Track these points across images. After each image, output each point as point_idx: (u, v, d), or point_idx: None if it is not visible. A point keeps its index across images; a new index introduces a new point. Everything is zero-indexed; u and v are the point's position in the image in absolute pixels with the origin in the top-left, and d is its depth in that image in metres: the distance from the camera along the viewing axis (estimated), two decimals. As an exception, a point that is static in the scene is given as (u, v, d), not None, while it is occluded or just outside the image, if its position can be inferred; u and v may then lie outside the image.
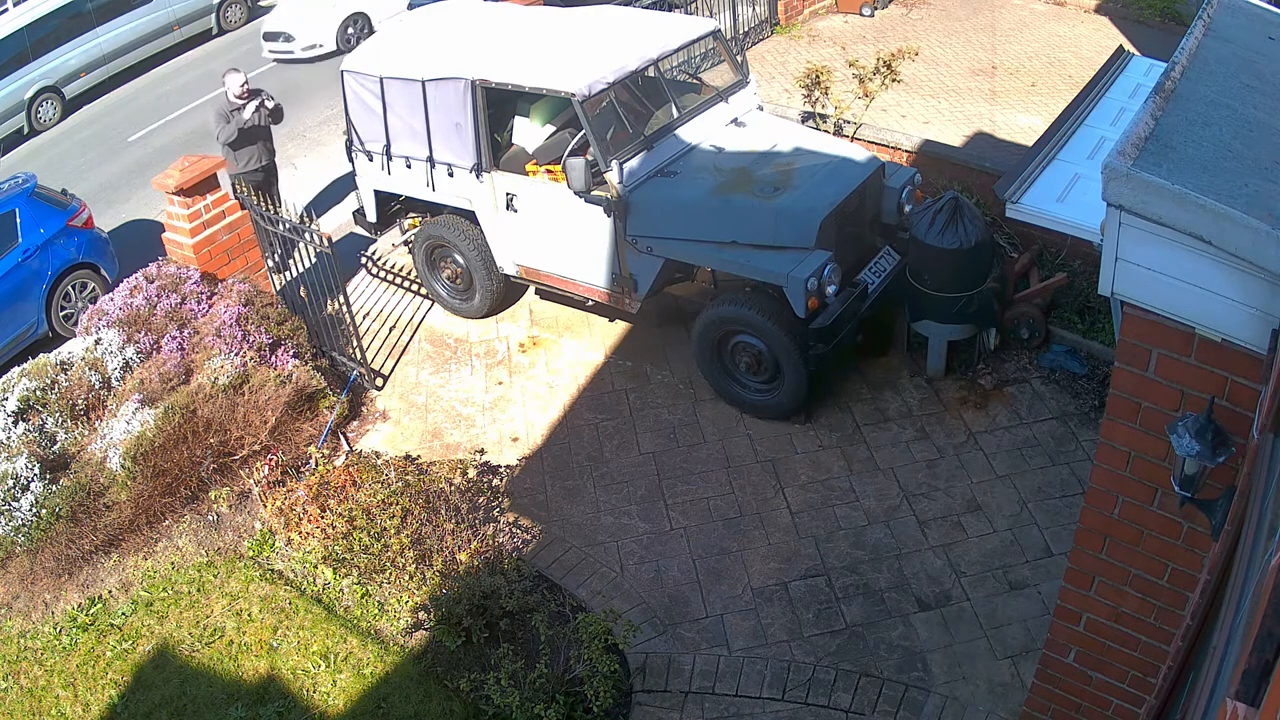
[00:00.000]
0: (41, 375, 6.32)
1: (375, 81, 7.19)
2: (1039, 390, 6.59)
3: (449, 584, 5.34)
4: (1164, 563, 3.09)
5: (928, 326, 6.54)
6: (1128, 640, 3.35)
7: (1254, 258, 2.31)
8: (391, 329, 7.91)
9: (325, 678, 5.30)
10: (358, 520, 5.61)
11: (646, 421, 6.72)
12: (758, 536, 5.81)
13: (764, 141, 6.81)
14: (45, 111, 14.13)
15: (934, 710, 4.82)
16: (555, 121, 7.59)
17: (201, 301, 6.88)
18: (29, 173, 9.40)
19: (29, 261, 8.49)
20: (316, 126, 12.47)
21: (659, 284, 6.71)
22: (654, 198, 6.39)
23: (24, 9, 14.06)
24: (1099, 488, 3.09)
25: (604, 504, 6.15)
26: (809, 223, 5.99)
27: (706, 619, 5.39)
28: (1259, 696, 1.44)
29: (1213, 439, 2.42)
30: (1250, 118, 2.83)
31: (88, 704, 5.35)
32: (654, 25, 7.21)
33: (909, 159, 8.25)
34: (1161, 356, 2.70)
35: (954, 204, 6.22)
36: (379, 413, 7.12)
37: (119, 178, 12.12)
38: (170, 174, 6.94)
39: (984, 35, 12.63)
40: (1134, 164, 2.44)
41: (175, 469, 6.07)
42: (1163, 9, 12.74)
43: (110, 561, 6.05)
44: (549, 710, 4.61)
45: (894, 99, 10.41)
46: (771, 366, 6.35)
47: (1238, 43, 3.34)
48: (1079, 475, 5.89)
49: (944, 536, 5.69)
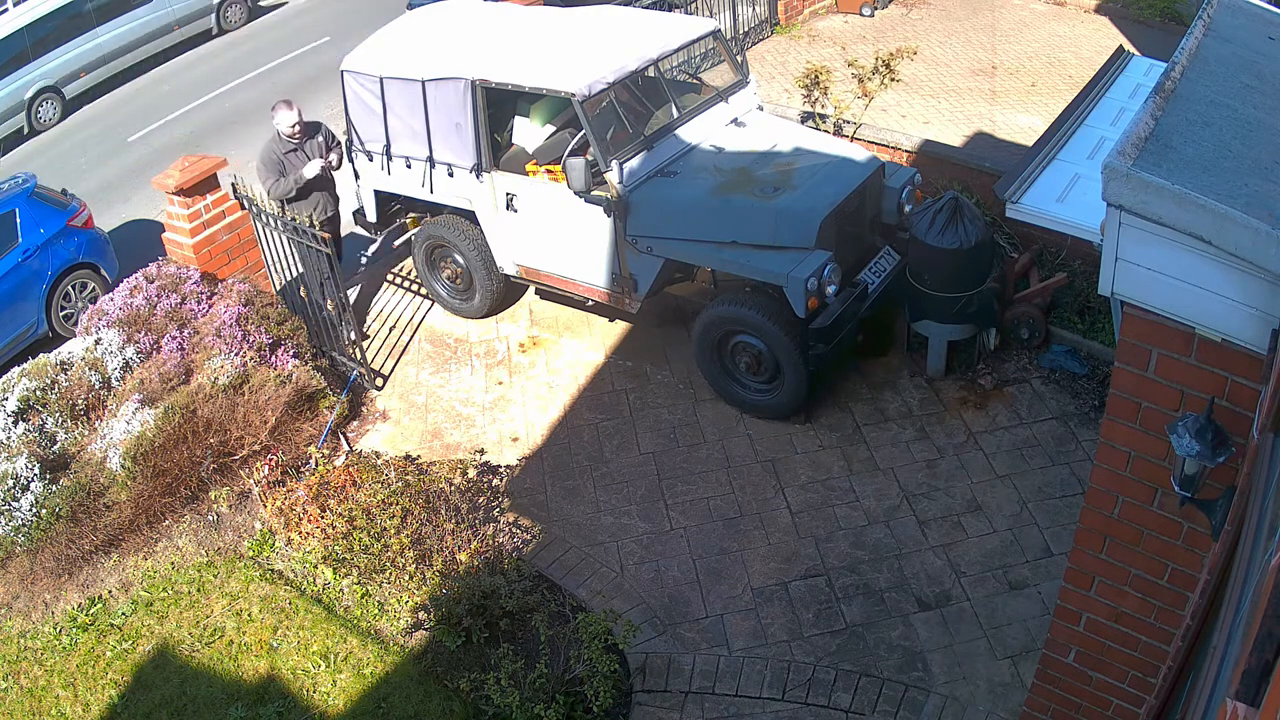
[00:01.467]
0: (41, 375, 6.32)
1: (375, 81, 7.19)
2: (1039, 390, 6.59)
3: (449, 584, 5.34)
4: (1164, 563, 3.09)
5: (928, 326, 6.55)
6: (1128, 640, 3.36)
7: (1254, 258, 2.31)
8: (391, 329, 7.91)
9: (325, 678, 5.30)
10: (358, 520, 5.60)
11: (646, 421, 6.72)
12: (758, 536, 5.81)
13: (764, 141, 6.81)
14: (45, 111, 14.13)
15: (934, 710, 4.82)
16: (555, 121, 7.59)
17: (201, 301, 6.88)
18: (29, 173, 9.41)
19: (29, 261, 8.49)
20: (316, 126, 12.46)
21: (659, 284, 6.71)
22: (654, 198, 6.39)
23: (24, 9, 14.06)
24: (1099, 488, 3.09)
25: (604, 504, 6.15)
26: (809, 223, 5.99)
27: (706, 619, 5.39)
28: (1259, 696, 1.44)
29: (1213, 439, 2.42)
30: (1250, 118, 2.83)
31: (88, 704, 5.35)
32: (654, 25, 7.21)
33: (909, 159, 8.25)
34: (1161, 356, 2.70)
35: (954, 204, 6.22)
36: (379, 413, 7.12)
37: (119, 178, 12.13)
38: (170, 174, 6.94)
39: (984, 35, 12.63)
40: (1134, 164, 2.44)
41: (175, 469, 6.07)
42: (1163, 9, 12.74)
43: (110, 561, 6.05)
44: (549, 710, 4.61)
45: (894, 99, 10.41)
46: (771, 366, 6.35)
47: (1238, 43, 3.34)
48: (1079, 475, 5.89)
49: (944, 536, 5.69)
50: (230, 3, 16.57)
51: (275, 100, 7.34)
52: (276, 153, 7.15)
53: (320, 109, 12.84)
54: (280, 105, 7.16)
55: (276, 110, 7.16)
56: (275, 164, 7.15)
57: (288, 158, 7.18)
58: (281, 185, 7.14)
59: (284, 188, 7.14)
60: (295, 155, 7.22)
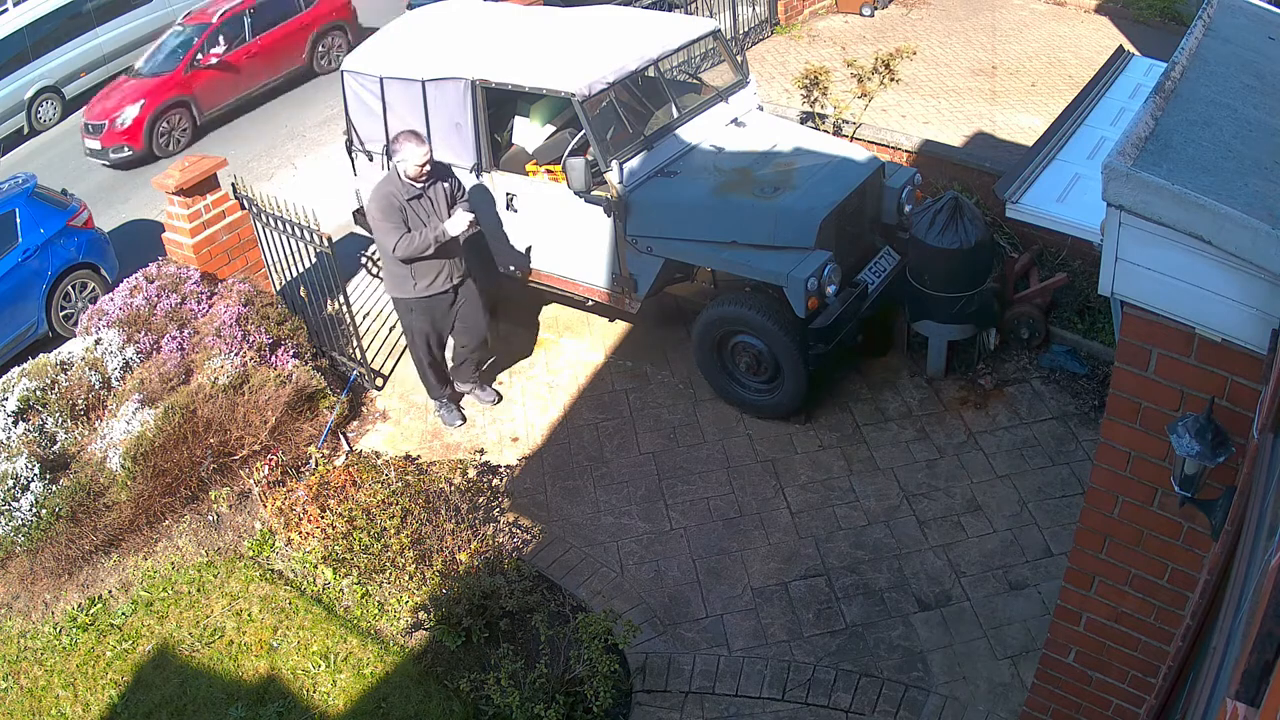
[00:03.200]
0: (41, 375, 6.32)
1: (375, 81, 7.19)
2: (1039, 390, 6.59)
3: (449, 584, 5.34)
4: (1164, 563, 3.09)
5: (928, 326, 6.55)
6: (1128, 640, 3.36)
7: (1254, 258, 2.31)
8: (392, 329, 7.91)
9: (325, 678, 5.30)
10: (358, 520, 5.60)
11: (646, 421, 6.72)
12: (758, 536, 5.81)
13: (764, 141, 6.81)
14: (45, 111, 14.15)
15: (934, 710, 4.82)
16: (555, 121, 7.59)
17: (201, 301, 6.89)
18: (29, 173, 9.41)
19: (29, 261, 8.50)
20: (316, 126, 12.48)
21: (659, 284, 6.71)
22: (654, 198, 6.40)
23: (24, 9, 14.07)
24: (1099, 488, 3.09)
25: (604, 504, 6.15)
26: (809, 223, 5.99)
27: (706, 619, 5.39)
28: (1259, 696, 1.44)
29: (1213, 439, 2.42)
30: (1250, 118, 2.83)
31: (88, 704, 5.35)
32: (654, 25, 7.21)
33: (909, 159, 8.25)
34: (1161, 356, 2.70)
35: (954, 204, 6.22)
36: (379, 413, 7.12)
37: (119, 178, 12.13)
38: (170, 174, 6.95)
39: (984, 35, 12.63)
40: (1134, 164, 2.44)
41: (175, 469, 6.07)
42: (1163, 9, 12.74)
43: (110, 561, 6.05)
44: (549, 710, 4.61)
45: (894, 99, 10.41)
46: (771, 366, 6.35)
47: (1238, 43, 3.34)
48: (1079, 475, 5.89)
49: (944, 536, 5.69)
50: (230, 3, 16.55)
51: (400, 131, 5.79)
52: (398, 198, 5.69)
53: (321, 109, 12.85)
54: (407, 137, 5.65)
55: (400, 143, 5.64)
56: (397, 213, 5.68)
57: (411, 205, 5.73)
58: (414, 242, 5.67)
59: (417, 244, 5.67)
60: (419, 203, 5.76)
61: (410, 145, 5.63)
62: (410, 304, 6.10)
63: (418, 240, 5.71)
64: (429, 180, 5.80)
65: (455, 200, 5.98)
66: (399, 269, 5.92)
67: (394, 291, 6.13)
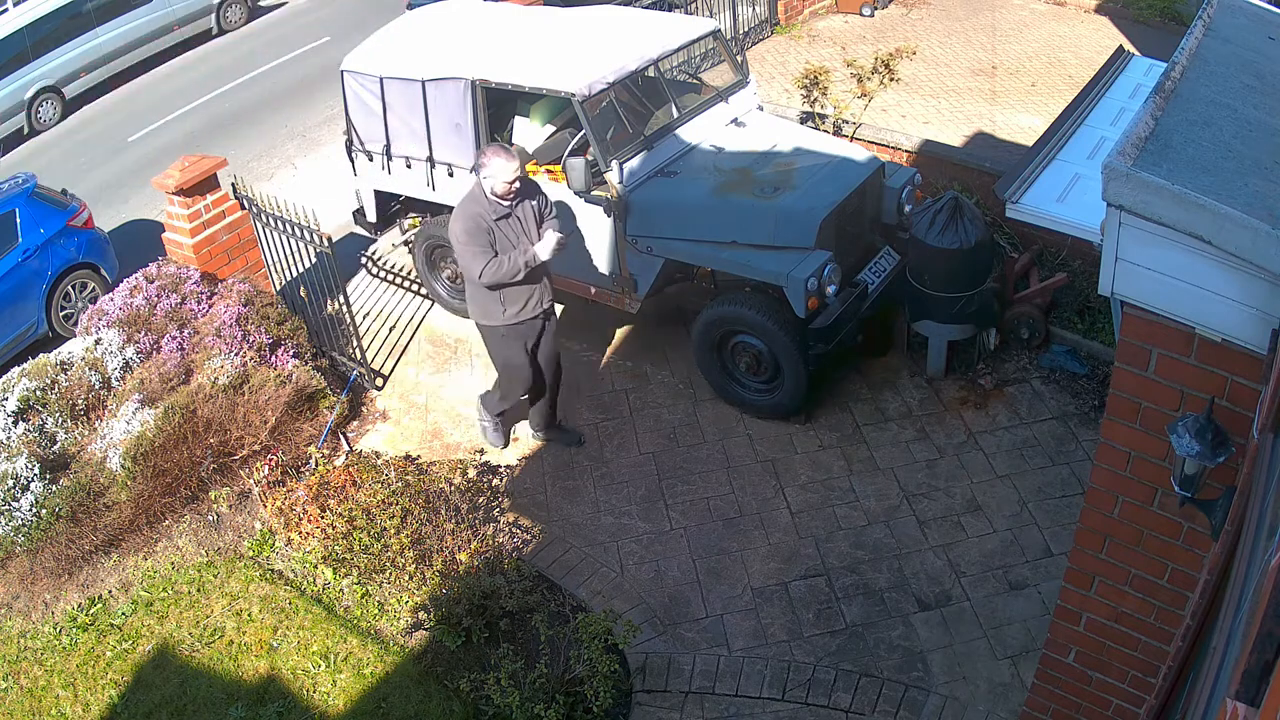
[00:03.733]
0: (41, 375, 6.32)
1: (375, 81, 7.19)
2: (1039, 390, 6.59)
3: (449, 584, 5.34)
4: (1164, 563, 3.09)
5: (928, 326, 6.55)
6: (1128, 640, 3.36)
7: (1254, 258, 2.31)
8: (391, 329, 7.91)
9: (325, 678, 5.30)
10: (358, 520, 5.60)
11: (646, 421, 6.72)
12: (758, 536, 5.81)
13: (764, 142, 6.81)
14: (45, 111, 14.13)
15: (934, 710, 4.82)
16: (555, 121, 7.59)
17: (201, 301, 6.88)
18: (29, 173, 9.41)
19: (29, 261, 8.49)
20: (316, 126, 12.48)
21: (659, 284, 6.70)
22: (654, 198, 6.40)
23: (24, 9, 14.06)
24: (1099, 488, 3.09)
25: (604, 504, 6.15)
26: (809, 223, 5.99)
27: (706, 619, 5.39)
28: (1259, 696, 1.44)
29: (1213, 439, 2.43)
30: (1250, 118, 2.83)
31: (88, 704, 5.35)
32: (654, 25, 7.21)
33: (909, 159, 8.25)
34: (1161, 356, 2.70)
35: (954, 204, 6.22)
36: (379, 413, 7.12)
37: (119, 178, 12.12)
38: (170, 174, 6.94)
39: (984, 35, 12.63)
40: (1134, 164, 2.44)
41: (175, 469, 6.07)
42: (1163, 9, 12.74)
43: (110, 561, 6.05)
44: (549, 710, 4.61)
45: (894, 99, 10.41)
46: (771, 366, 6.35)
47: (1238, 43, 3.34)
48: (1079, 475, 5.89)
49: (944, 536, 5.69)
50: (230, 2, 16.57)
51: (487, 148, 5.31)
52: (486, 219, 5.28)
53: (321, 109, 12.85)
54: (495, 151, 5.19)
55: (489, 158, 5.19)
56: (484, 235, 5.27)
57: (499, 226, 5.33)
58: (502, 268, 5.29)
59: (506, 270, 5.29)
60: (507, 223, 5.36)
61: (499, 160, 5.18)
62: (501, 330, 5.68)
63: (506, 265, 5.31)
64: (517, 199, 5.38)
65: (543, 218, 5.57)
66: (484, 295, 5.50)
67: (481, 319, 5.71)
